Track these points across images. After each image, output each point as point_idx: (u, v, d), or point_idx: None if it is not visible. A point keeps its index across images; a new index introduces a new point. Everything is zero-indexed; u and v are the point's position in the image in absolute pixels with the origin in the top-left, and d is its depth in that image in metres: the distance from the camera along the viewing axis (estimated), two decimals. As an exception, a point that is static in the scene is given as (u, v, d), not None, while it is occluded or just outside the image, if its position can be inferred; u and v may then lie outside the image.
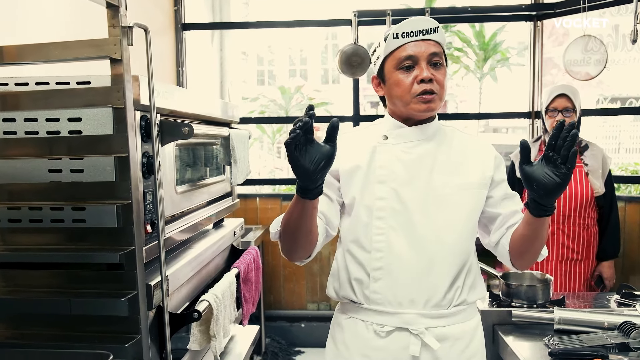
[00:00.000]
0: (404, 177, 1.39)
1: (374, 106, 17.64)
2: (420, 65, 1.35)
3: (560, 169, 1.20)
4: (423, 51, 1.35)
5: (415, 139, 1.41)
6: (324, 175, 1.19)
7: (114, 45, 1.11)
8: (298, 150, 1.14)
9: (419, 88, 1.35)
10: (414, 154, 1.41)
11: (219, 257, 2.02)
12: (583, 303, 2.10)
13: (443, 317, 1.39)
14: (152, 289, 1.29)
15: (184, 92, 1.68)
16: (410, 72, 1.36)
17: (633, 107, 5.51)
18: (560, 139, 1.19)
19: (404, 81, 1.36)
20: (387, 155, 1.41)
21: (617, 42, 4.48)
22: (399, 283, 1.37)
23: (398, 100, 1.40)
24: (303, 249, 1.37)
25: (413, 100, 1.36)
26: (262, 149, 12.82)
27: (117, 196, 1.22)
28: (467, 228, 1.42)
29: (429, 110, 1.37)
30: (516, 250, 1.39)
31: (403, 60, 1.36)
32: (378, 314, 1.40)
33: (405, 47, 1.35)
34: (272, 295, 4.04)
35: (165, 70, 3.67)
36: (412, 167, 1.39)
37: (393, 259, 1.37)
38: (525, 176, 1.24)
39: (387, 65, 1.40)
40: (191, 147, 1.85)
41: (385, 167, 1.40)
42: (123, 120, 1.17)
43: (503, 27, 9.93)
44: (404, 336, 1.38)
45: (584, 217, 2.73)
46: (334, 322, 1.54)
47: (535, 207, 1.27)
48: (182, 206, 1.71)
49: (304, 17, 3.96)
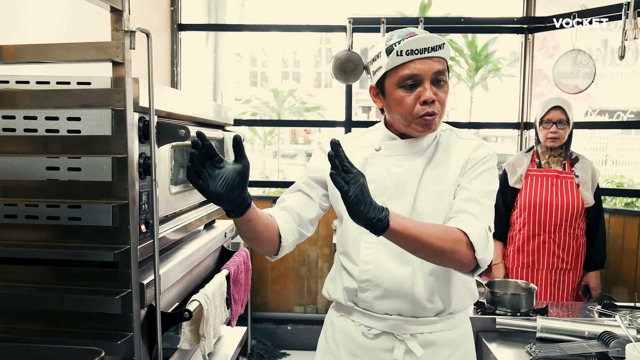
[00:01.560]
0: (392, 191, 1.40)
1: (365, 111, 17.69)
2: (424, 85, 1.31)
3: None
4: (427, 70, 1.31)
5: (407, 152, 1.42)
6: (242, 193, 1.17)
7: (117, 49, 1.14)
8: (203, 179, 1.12)
9: (421, 110, 1.33)
10: (403, 167, 1.41)
11: (210, 258, 2.05)
12: (566, 312, 2.15)
13: (429, 324, 1.42)
14: (144, 287, 1.31)
15: (180, 94, 1.71)
16: (412, 90, 1.32)
17: (622, 122, 5.60)
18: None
19: (405, 100, 1.33)
20: (378, 168, 1.42)
21: (606, 57, 4.55)
22: (385, 295, 1.40)
23: (399, 118, 1.38)
24: (263, 249, 1.39)
25: (415, 121, 1.35)
26: (252, 151, 12.81)
27: (113, 195, 1.24)
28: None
29: (428, 131, 1.37)
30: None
31: (406, 79, 1.32)
32: (366, 316, 1.44)
33: (409, 65, 1.31)
34: (259, 297, 4.05)
35: (160, 70, 3.69)
36: (400, 180, 1.39)
37: (380, 272, 1.39)
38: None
39: (388, 81, 1.36)
40: (186, 148, 1.87)
41: (375, 182, 1.39)
42: (122, 122, 1.20)
43: (495, 38, 10.04)
44: (389, 340, 1.42)
45: (574, 227, 2.79)
46: (327, 319, 1.58)
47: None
48: (176, 207, 1.74)
49: (299, 21, 3.98)
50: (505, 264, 2.92)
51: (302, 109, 13.94)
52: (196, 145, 1.11)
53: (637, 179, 5.95)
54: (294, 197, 1.49)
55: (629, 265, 3.46)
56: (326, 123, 5.35)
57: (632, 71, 4.68)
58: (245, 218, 1.24)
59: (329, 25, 4.01)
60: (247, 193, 1.19)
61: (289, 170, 10.48)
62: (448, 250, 1.23)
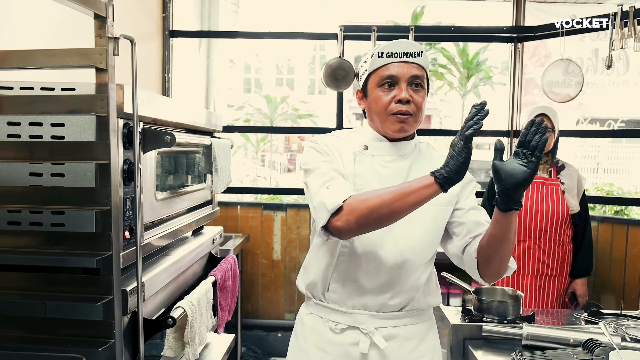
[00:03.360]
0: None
1: (358, 118, 17.74)
2: (400, 85, 1.41)
3: (528, 159, 1.24)
4: (404, 72, 1.41)
5: (394, 154, 1.48)
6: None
7: (100, 55, 1.14)
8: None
9: (395, 107, 1.42)
10: (390, 168, 1.47)
11: (197, 265, 2.04)
12: (552, 320, 2.15)
13: (393, 319, 1.49)
14: (127, 294, 1.31)
15: (167, 101, 1.71)
16: (390, 90, 1.43)
17: (611, 130, 5.65)
18: (530, 133, 1.24)
19: (382, 99, 1.43)
20: (365, 165, 1.47)
21: (597, 66, 4.61)
22: (355, 289, 1.47)
23: (376, 116, 1.47)
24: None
25: (389, 119, 1.43)
26: (246, 157, 12.80)
27: (96, 202, 1.24)
28: (430, 242, 1.49)
29: (402, 131, 1.44)
30: (484, 255, 1.41)
31: (384, 79, 1.42)
32: (334, 312, 1.51)
33: (388, 67, 1.42)
34: (250, 304, 4.04)
35: (151, 76, 3.68)
36: (386, 181, 1.43)
37: (353, 266, 1.46)
38: (495, 170, 1.27)
39: (370, 82, 1.47)
40: (173, 154, 1.87)
41: (362, 177, 1.46)
42: (106, 128, 1.19)
43: (486, 46, 10.12)
44: (355, 334, 1.49)
45: (559, 233, 2.81)
46: (297, 318, 1.66)
47: (503, 200, 1.29)
48: (162, 213, 1.73)
49: (292, 28, 3.99)
50: (492, 270, 2.92)
51: (295, 115, 13.96)
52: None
53: (626, 187, 6.00)
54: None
55: (617, 273, 3.48)
56: (318, 130, 5.35)
57: (622, 80, 4.74)
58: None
59: (320, 33, 4.02)
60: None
61: (282, 177, 10.48)
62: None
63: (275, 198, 5.05)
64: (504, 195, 1.28)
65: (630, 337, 1.76)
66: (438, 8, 6.33)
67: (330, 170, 1.41)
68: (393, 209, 1.27)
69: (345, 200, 1.30)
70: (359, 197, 1.31)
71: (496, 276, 1.46)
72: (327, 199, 1.32)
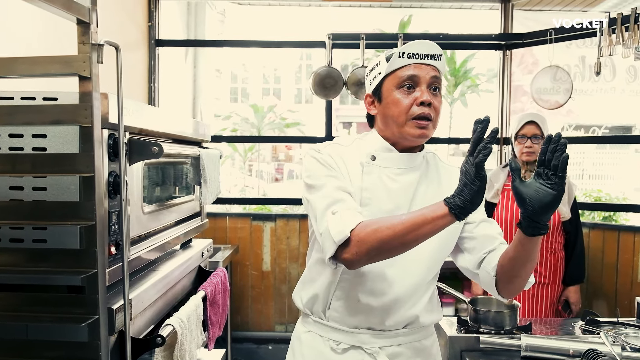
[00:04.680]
0: (386, 206, 1.37)
1: (346, 127, 17.77)
2: (421, 87, 1.33)
3: (552, 180, 1.15)
4: (425, 74, 1.33)
5: (403, 166, 1.39)
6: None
7: (83, 63, 1.08)
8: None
9: (417, 110, 1.32)
10: (399, 182, 1.38)
11: (186, 279, 1.98)
12: (549, 329, 2.12)
13: (398, 336, 1.43)
14: (114, 312, 1.25)
15: (154, 110, 1.66)
16: (410, 93, 1.33)
17: (599, 137, 5.68)
18: (549, 151, 1.15)
19: (402, 101, 1.33)
20: (373, 178, 1.38)
21: (584, 73, 4.63)
22: (359, 308, 1.39)
23: (392, 121, 1.36)
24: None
25: (408, 123, 1.34)
26: (233, 167, 12.73)
27: (80, 216, 1.18)
28: (434, 259, 1.42)
29: (422, 137, 1.35)
30: (505, 275, 1.35)
31: (405, 80, 1.33)
32: (335, 331, 1.43)
33: (409, 68, 1.33)
34: (240, 316, 3.97)
35: (137, 86, 3.63)
36: (395, 196, 1.37)
37: (358, 284, 1.38)
38: (518, 194, 1.18)
39: (386, 84, 1.37)
40: (160, 165, 1.82)
41: (370, 190, 1.37)
42: (90, 139, 1.14)
43: (473, 54, 10.20)
44: (358, 354, 1.41)
45: (551, 241, 2.78)
46: (294, 335, 1.56)
47: (529, 225, 1.21)
48: (149, 226, 1.68)
49: (279, 37, 3.97)
50: (485, 279, 2.90)
51: (283, 124, 13.93)
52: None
53: (614, 193, 6.03)
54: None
55: (609, 279, 3.47)
56: (306, 139, 5.32)
57: (610, 87, 4.77)
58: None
59: (308, 41, 4.00)
60: None
61: (270, 187, 10.42)
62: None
63: (264, 208, 5.00)
64: (530, 219, 1.20)
65: (631, 346, 1.73)
66: (425, 17, 6.36)
67: (335, 190, 1.31)
68: (405, 241, 1.20)
69: (353, 230, 1.21)
70: (368, 226, 1.21)
71: (516, 293, 1.40)
72: (333, 227, 1.23)
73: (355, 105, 11.54)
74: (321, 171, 1.35)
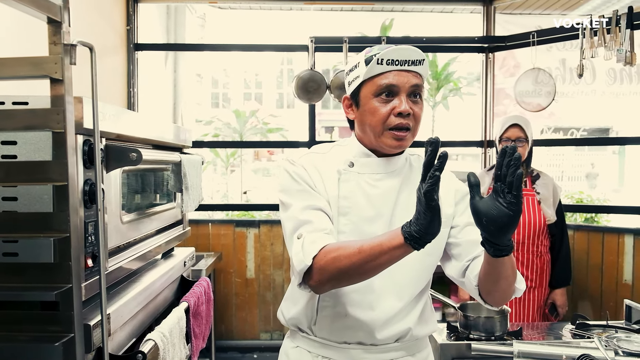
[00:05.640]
0: (367, 213, 1.32)
1: (328, 131, 17.74)
2: (400, 96, 1.27)
3: (507, 198, 1.07)
4: (405, 82, 1.27)
5: (383, 172, 1.35)
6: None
7: (55, 64, 1.02)
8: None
9: (394, 121, 1.27)
10: (379, 188, 1.33)
11: (168, 290, 1.91)
12: (539, 334, 2.09)
13: (390, 351, 1.36)
14: (91, 329, 1.18)
15: (133, 115, 1.59)
16: (388, 101, 1.27)
17: (581, 138, 5.72)
18: (504, 165, 1.08)
19: (379, 110, 1.28)
20: (351, 185, 1.33)
21: (565, 76, 4.66)
22: (347, 324, 1.33)
23: (370, 129, 1.31)
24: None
25: (385, 134, 1.29)
26: (215, 172, 12.60)
27: (54, 228, 1.11)
28: (422, 266, 1.37)
29: (399, 148, 1.31)
30: (483, 289, 1.31)
31: (383, 88, 1.27)
32: (324, 346, 1.37)
33: (388, 75, 1.27)
34: (224, 325, 3.89)
35: (115, 91, 3.54)
36: (376, 202, 1.32)
37: (342, 294, 1.32)
38: (475, 212, 1.12)
39: (364, 90, 1.30)
40: (140, 172, 1.75)
41: (348, 199, 1.32)
42: (63, 146, 1.07)
43: (455, 58, 10.25)
44: None
45: (537, 244, 2.77)
46: (282, 351, 1.49)
47: (490, 246, 1.15)
48: (129, 236, 1.61)
49: (261, 42, 3.92)
50: (472, 284, 2.87)
51: (265, 129, 13.84)
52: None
53: (595, 195, 6.09)
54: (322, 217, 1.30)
55: (594, 281, 3.48)
56: (288, 144, 5.26)
57: (591, 89, 4.81)
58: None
59: (290, 45, 3.96)
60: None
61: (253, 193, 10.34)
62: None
63: (247, 214, 4.93)
64: (489, 242, 1.14)
65: (623, 350, 1.70)
66: (406, 21, 6.35)
67: (302, 211, 1.27)
68: (363, 270, 1.15)
69: (315, 257, 1.16)
70: (329, 254, 1.16)
71: (502, 302, 1.34)
72: (295, 255, 1.20)
73: (337, 109, 11.53)
74: (292, 186, 1.31)
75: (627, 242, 3.37)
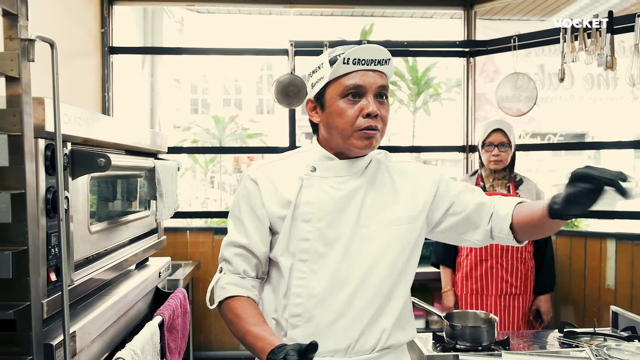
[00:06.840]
0: (332, 216, 1.28)
1: (308, 137, 17.70)
2: (368, 97, 1.24)
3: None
4: (372, 82, 1.24)
5: (346, 174, 1.31)
6: None
7: (11, 61, 0.93)
8: None
9: (363, 122, 1.24)
10: (343, 190, 1.30)
11: (142, 302, 1.82)
12: (526, 343, 2.04)
13: None
14: (53, 349, 1.09)
15: (104, 119, 1.50)
16: (355, 102, 1.24)
17: (562, 143, 5.75)
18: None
19: (347, 112, 1.24)
20: (314, 190, 1.29)
21: (544, 81, 4.68)
22: (318, 331, 1.27)
23: (337, 132, 1.28)
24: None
25: (355, 135, 1.25)
26: (194, 179, 12.44)
27: (12, 240, 1.02)
28: (396, 267, 1.32)
29: (369, 147, 1.28)
30: (520, 231, 1.33)
31: (349, 89, 1.24)
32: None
33: (354, 75, 1.24)
34: (202, 335, 3.78)
35: (89, 95, 3.43)
36: (341, 205, 1.28)
37: (312, 305, 1.27)
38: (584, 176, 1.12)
39: (329, 91, 1.27)
40: (110, 179, 1.66)
41: (312, 204, 1.28)
42: (20, 150, 0.98)
43: (435, 63, 10.30)
44: None
45: (521, 250, 2.74)
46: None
47: (563, 205, 1.16)
48: (99, 246, 1.51)
49: (240, 46, 3.85)
50: (455, 291, 2.83)
51: (244, 135, 13.72)
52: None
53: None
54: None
55: (577, 286, 3.46)
56: (268, 149, 5.18)
57: (569, 94, 4.84)
58: None
59: (270, 49, 3.89)
60: None
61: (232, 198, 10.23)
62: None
63: (226, 221, 4.82)
64: (566, 201, 1.15)
65: (614, 359, 1.66)
66: (387, 25, 6.34)
67: (227, 247, 1.36)
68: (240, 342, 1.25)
69: (219, 304, 1.32)
70: (227, 312, 1.29)
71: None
72: (212, 283, 1.35)
73: (317, 115, 11.45)
74: (234, 208, 1.37)
75: (610, 247, 3.36)
